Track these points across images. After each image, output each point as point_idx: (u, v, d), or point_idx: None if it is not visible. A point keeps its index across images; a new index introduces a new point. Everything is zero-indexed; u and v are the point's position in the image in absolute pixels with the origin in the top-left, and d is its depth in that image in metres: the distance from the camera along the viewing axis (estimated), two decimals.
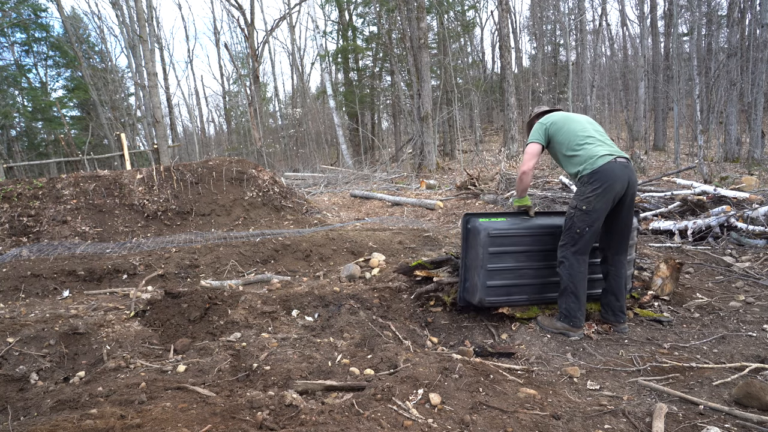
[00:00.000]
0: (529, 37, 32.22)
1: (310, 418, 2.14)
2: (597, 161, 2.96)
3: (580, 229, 2.98)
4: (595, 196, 2.93)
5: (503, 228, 3.20)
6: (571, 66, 18.08)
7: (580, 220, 2.98)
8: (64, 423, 2.10)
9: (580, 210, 2.98)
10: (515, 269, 3.26)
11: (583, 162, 3.03)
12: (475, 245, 3.24)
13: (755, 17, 14.02)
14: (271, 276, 4.86)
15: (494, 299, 3.28)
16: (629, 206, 3.09)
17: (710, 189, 6.12)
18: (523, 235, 3.24)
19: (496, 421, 2.12)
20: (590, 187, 2.96)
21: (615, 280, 3.15)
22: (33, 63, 23.76)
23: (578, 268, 3.04)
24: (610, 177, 2.92)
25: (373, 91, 23.64)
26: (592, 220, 2.96)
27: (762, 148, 13.10)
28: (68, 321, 3.36)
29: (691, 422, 2.08)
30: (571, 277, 3.04)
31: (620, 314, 3.16)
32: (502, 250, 3.20)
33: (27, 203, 6.69)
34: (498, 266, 3.21)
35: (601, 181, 2.92)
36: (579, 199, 3.00)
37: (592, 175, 2.96)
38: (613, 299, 3.16)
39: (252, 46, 19.64)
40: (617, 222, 3.10)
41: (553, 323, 3.17)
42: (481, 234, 3.17)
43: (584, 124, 3.19)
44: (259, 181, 8.21)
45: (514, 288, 3.29)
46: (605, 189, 2.92)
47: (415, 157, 16.44)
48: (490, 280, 3.21)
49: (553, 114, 3.30)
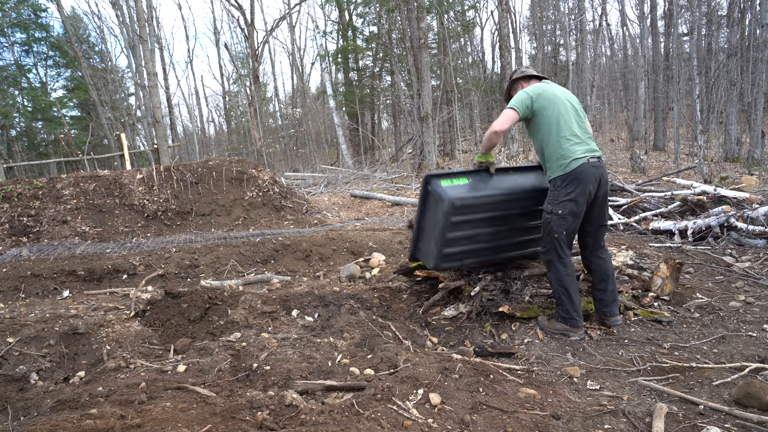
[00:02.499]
0: (529, 37, 32.22)
1: (310, 418, 2.14)
2: (571, 164, 2.93)
3: (559, 234, 2.99)
4: (569, 200, 2.93)
5: (468, 197, 3.04)
6: (571, 66, 18.09)
7: (558, 225, 2.98)
8: (64, 423, 2.10)
9: (556, 215, 2.97)
10: (473, 236, 3.18)
11: (557, 159, 2.98)
12: (435, 211, 3.08)
13: (755, 17, 14.02)
14: (271, 276, 4.86)
15: (448, 264, 3.25)
16: (602, 204, 3.09)
17: (710, 189, 6.12)
18: (485, 203, 3.12)
19: (496, 421, 2.12)
20: (563, 191, 2.95)
21: (599, 271, 3.13)
22: (33, 63, 23.78)
23: (565, 271, 3.05)
24: (582, 180, 2.92)
25: (373, 91, 23.63)
26: (569, 223, 2.97)
27: (762, 148, 13.10)
28: (68, 321, 3.36)
29: (691, 422, 2.08)
30: (560, 281, 3.05)
31: (613, 305, 3.14)
32: (463, 219, 3.08)
33: (27, 203, 6.69)
34: (457, 234, 3.11)
35: (574, 185, 2.92)
36: (554, 204, 2.99)
37: (565, 178, 2.95)
38: (600, 292, 3.14)
39: (252, 46, 19.64)
40: (591, 220, 3.10)
41: (553, 325, 3.17)
42: (445, 203, 2.98)
43: (569, 114, 3.06)
44: (259, 181, 8.21)
45: (469, 252, 3.24)
46: (578, 192, 2.92)
47: (415, 157, 16.44)
48: (447, 248, 3.13)
49: (540, 86, 3.11)
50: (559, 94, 3.09)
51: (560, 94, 3.10)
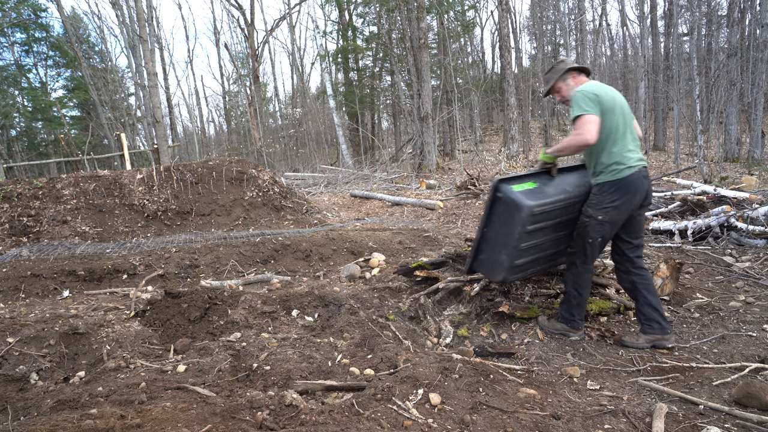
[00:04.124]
0: (529, 37, 32.25)
1: (310, 418, 2.14)
2: (623, 171, 2.79)
3: (593, 239, 2.87)
4: (613, 207, 2.80)
5: (544, 203, 2.82)
6: None
7: (594, 230, 2.86)
8: (64, 423, 2.10)
9: (596, 219, 2.84)
10: (540, 244, 3.00)
11: (609, 164, 2.82)
12: (508, 219, 2.85)
13: (755, 17, 14.02)
14: (271, 276, 4.86)
15: (515, 277, 3.08)
16: (642, 214, 3.00)
17: (710, 189, 6.12)
18: (557, 208, 2.91)
19: (496, 421, 2.12)
20: (609, 197, 2.81)
21: (647, 288, 2.94)
22: (33, 63, 23.78)
23: (585, 276, 2.98)
24: (632, 190, 2.79)
25: (373, 91, 23.64)
26: (606, 231, 2.86)
27: (762, 148, 13.09)
28: (68, 321, 3.36)
29: (691, 422, 2.08)
30: (577, 284, 3.00)
31: (667, 323, 2.93)
32: (537, 227, 2.89)
33: (27, 203, 6.69)
34: (529, 243, 2.93)
35: (622, 193, 2.79)
36: (596, 209, 2.84)
37: (614, 184, 2.80)
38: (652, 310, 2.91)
39: (252, 46, 19.64)
40: (631, 230, 2.96)
41: (553, 324, 3.16)
42: (524, 211, 2.76)
43: (625, 119, 2.88)
44: (259, 181, 8.21)
45: (533, 262, 3.09)
46: (624, 202, 2.80)
47: (415, 157, 16.45)
48: (518, 259, 2.96)
49: (599, 86, 2.88)
50: (615, 96, 2.91)
51: (616, 96, 2.91)
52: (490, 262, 3.03)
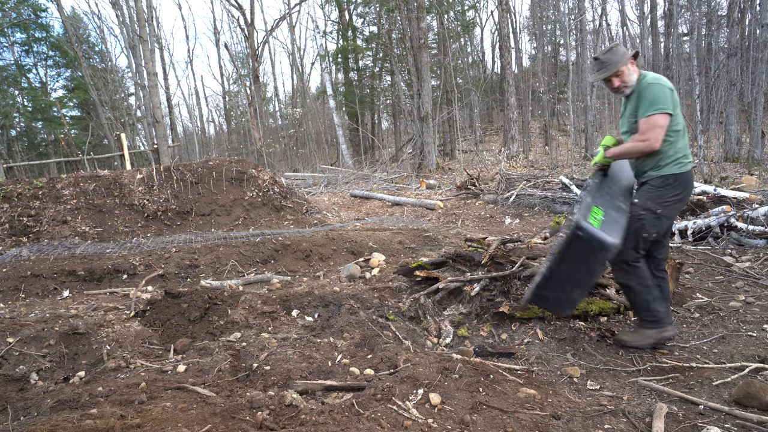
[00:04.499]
0: (529, 37, 32.26)
1: (310, 418, 2.14)
2: (687, 165, 2.68)
3: (649, 234, 2.71)
4: (675, 201, 2.70)
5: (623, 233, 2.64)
6: (571, 66, 18.08)
7: (651, 225, 2.69)
8: (64, 423, 2.10)
9: (654, 213, 2.68)
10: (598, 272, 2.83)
11: (674, 155, 2.69)
12: (590, 259, 2.63)
13: (755, 17, 14.02)
14: (271, 276, 4.86)
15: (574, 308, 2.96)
16: None
17: (710, 189, 6.12)
18: None
19: (496, 421, 2.12)
20: (672, 190, 2.69)
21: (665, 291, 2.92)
22: (33, 63, 23.80)
23: (645, 272, 2.80)
24: (689, 183, 2.71)
25: (373, 91, 23.65)
26: (662, 225, 2.74)
27: (762, 148, 13.10)
28: (68, 321, 3.36)
29: (691, 422, 2.08)
30: (642, 281, 2.78)
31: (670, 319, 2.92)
32: None
33: (27, 203, 6.69)
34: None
35: (683, 187, 2.71)
36: (656, 202, 2.69)
37: (678, 177, 2.68)
38: None
39: (252, 46, 19.64)
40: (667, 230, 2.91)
41: (643, 336, 2.85)
42: (610, 250, 2.55)
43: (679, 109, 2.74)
44: (259, 181, 8.21)
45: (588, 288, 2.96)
46: (683, 197, 2.72)
47: (415, 157, 16.46)
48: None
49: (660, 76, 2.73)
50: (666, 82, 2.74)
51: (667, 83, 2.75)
52: (559, 299, 2.84)
